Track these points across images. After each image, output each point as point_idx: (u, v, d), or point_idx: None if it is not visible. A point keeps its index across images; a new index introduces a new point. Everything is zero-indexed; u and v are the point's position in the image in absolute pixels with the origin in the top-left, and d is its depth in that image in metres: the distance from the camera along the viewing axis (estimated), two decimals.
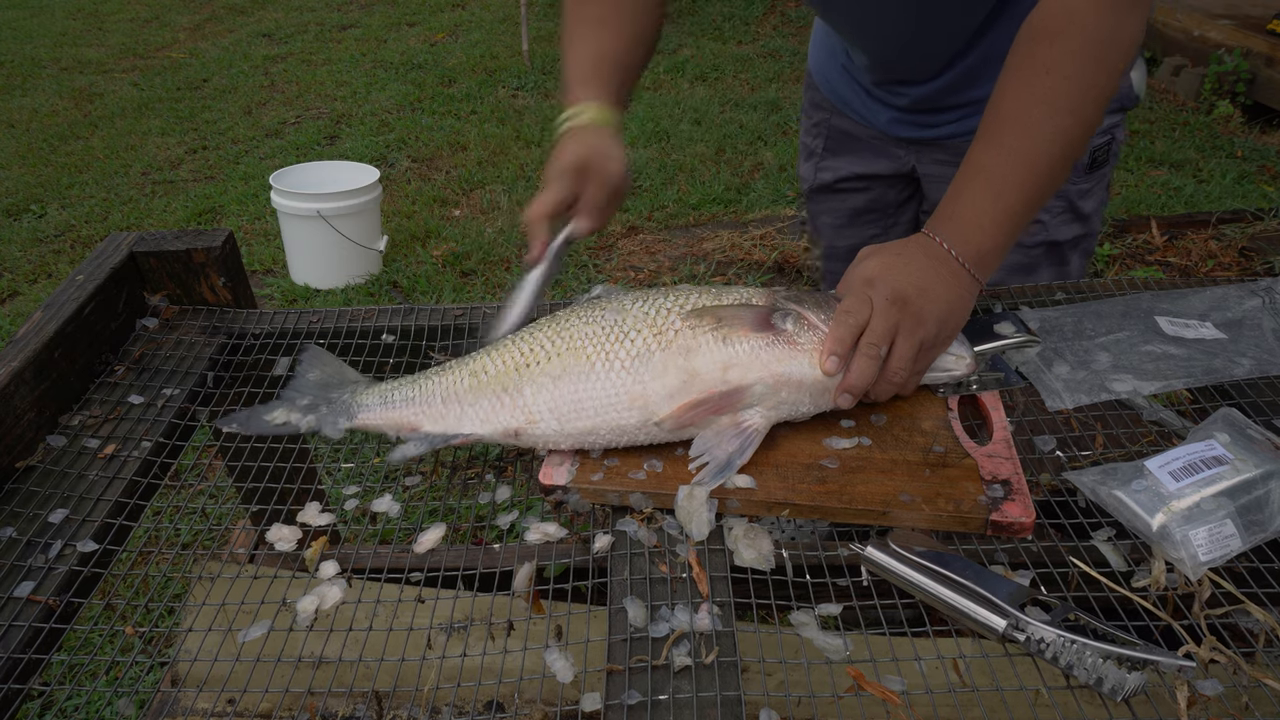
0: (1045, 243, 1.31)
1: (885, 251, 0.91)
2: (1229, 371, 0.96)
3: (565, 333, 0.92)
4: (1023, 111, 0.90)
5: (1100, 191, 1.32)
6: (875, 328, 0.85)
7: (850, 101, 1.39)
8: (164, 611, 0.89)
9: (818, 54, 1.46)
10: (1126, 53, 0.91)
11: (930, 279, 0.87)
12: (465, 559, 1.03)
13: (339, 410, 0.96)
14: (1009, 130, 0.90)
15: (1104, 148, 1.26)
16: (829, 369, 0.85)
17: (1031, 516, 0.80)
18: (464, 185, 3.96)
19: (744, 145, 4.16)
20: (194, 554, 0.95)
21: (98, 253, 1.15)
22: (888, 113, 1.34)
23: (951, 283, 0.88)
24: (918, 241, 0.91)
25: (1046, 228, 1.29)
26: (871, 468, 0.85)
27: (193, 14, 6.90)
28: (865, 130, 1.40)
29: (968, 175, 0.93)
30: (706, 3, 6.34)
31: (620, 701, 0.67)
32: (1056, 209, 1.29)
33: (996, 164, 0.90)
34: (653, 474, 0.86)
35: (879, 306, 0.85)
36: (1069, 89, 0.89)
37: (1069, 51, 0.89)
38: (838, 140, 1.46)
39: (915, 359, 0.87)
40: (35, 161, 4.37)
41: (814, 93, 1.48)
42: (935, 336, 0.88)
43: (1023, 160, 0.90)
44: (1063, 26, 0.90)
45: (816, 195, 1.54)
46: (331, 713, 1.09)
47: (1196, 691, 0.65)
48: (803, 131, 1.56)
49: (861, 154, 1.43)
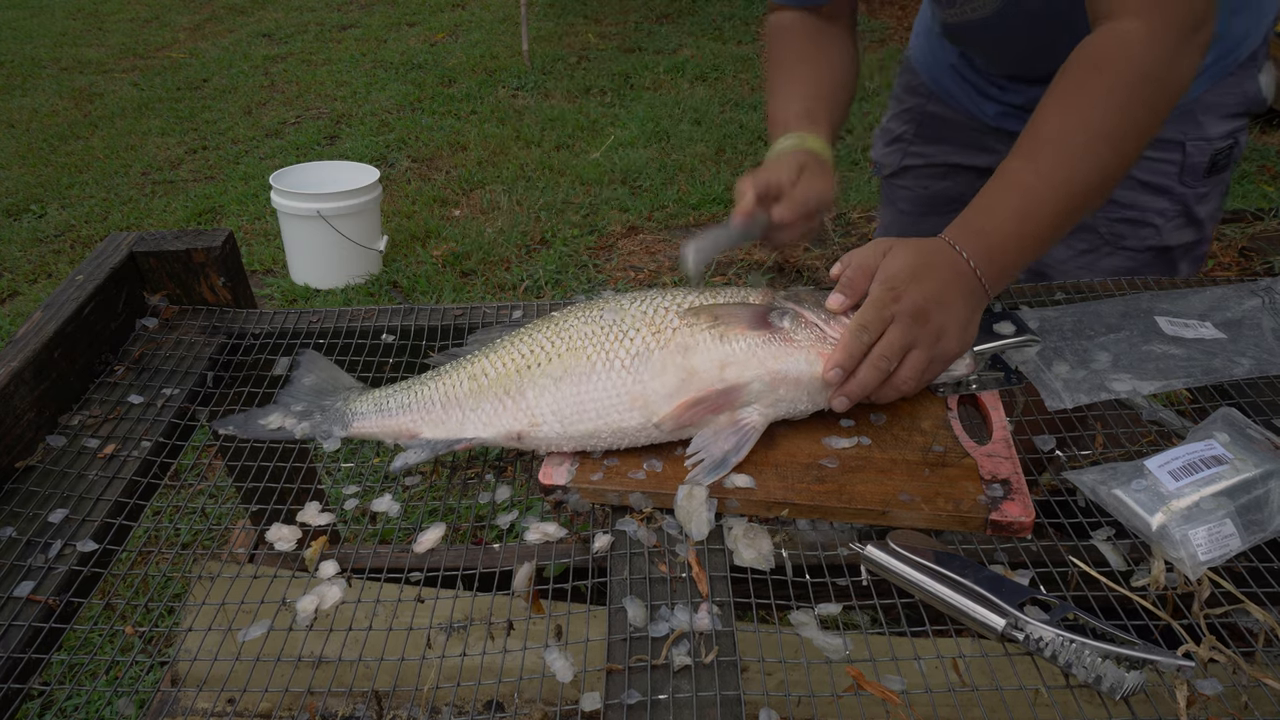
0: (1155, 247, 1.27)
1: (908, 253, 0.89)
2: (1229, 371, 0.96)
3: (565, 333, 0.92)
4: (1063, 137, 0.89)
5: (1217, 196, 1.27)
6: (891, 340, 0.85)
7: (954, 92, 1.38)
8: (164, 611, 0.89)
9: (922, 41, 1.44)
10: (1174, 94, 0.90)
11: (952, 293, 0.87)
12: (465, 559, 1.03)
13: (333, 418, 0.96)
14: (1047, 153, 0.90)
15: (1225, 151, 1.22)
16: (831, 379, 0.85)
17: (1031, 516, 0.79)
18: (464, 185, 3.96)
19: (744, 145, 4.16)
20: (194, 554, 0.95)
21: (98, 253, 1.15)
22: (996, 106, 1.32)
23: (969, 299, 0.88)
24: (942, 251, 0.89)
25: (1159, 231, 1.25)
26: (871, 467, 0.85)
27: (193, 14, 6.90)
28: (966, 120, 1.38)
29: (1000, 190, 0.91)
30: (706, 3, 6.34)
31: (620, 701, 0.67)
32: (1170, 213, 1.24)
33: (1030, 185, 0.89)
34: (652, 474, 0.86)
35: (899, 320, 0.85)
36: (1112, 121, 0.88)
37: (1117, 84, 0.88)
38: (931, 127, 1.44)
39: (925, 371, 0.87)
40: (35, 161, 4.37)
41: (911, 77, 1.47)
42: (950, 352, 0.88)
43: (1057, 186, 0.89)
44: (1113, 57, 0.89)
45: (896, 178, 1.53)
46: (331, 712, 1.09)
47: (1196, 691, 0.65)
48: (888, 116, 1.54)
49: (956, 143, 1.41)
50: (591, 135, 4.36)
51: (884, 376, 0.85)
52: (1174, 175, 1.22)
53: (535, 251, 3.39)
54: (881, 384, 0.86)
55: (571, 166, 4.03)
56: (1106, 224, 1.27)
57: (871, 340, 0.85)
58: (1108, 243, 1.28)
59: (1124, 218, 1.26)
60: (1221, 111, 1.19)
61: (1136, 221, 1.25)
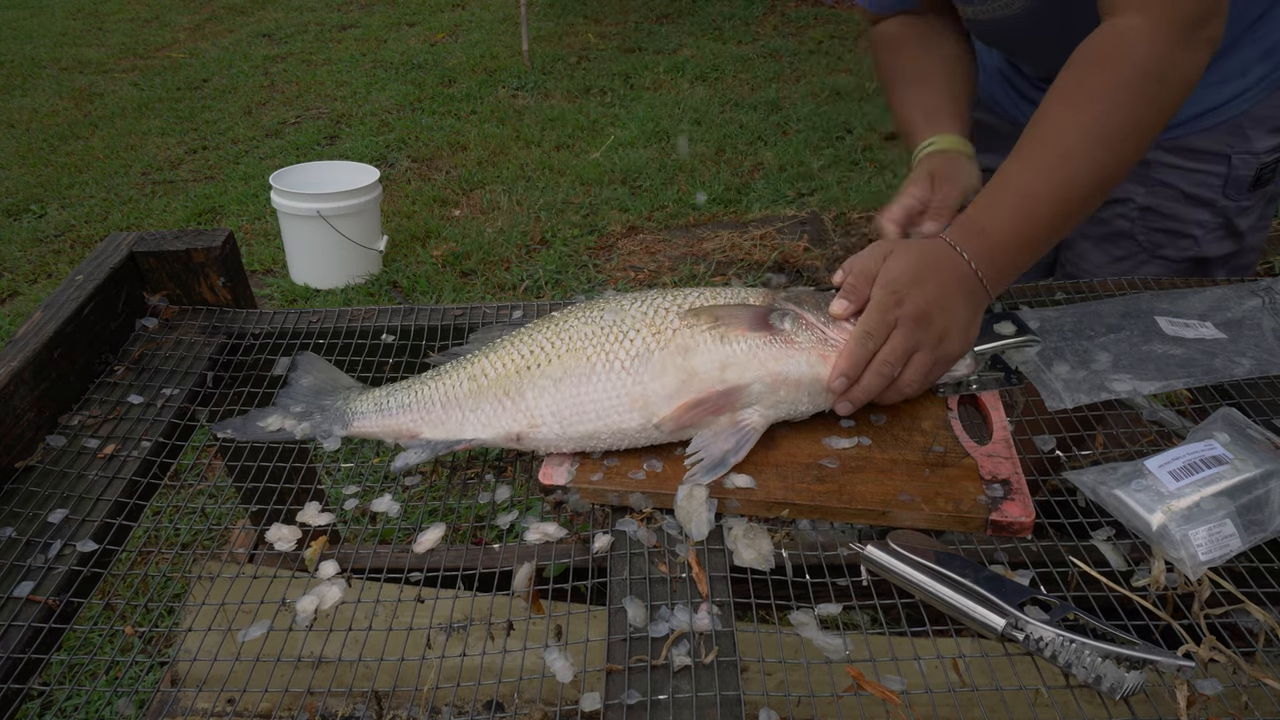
0: (1193, 258, 1.26)
1: (909, 256, 0.88)
2: (1229, 371, 0.96)
3: (565, 334, 0.92)
4: (1062, 136, 0.89)
5: (1261, 208, 1.25)
6: (895, 346, 0.85)
7: (1000, 99, 1.38)
8: (164, 611, 0.89)
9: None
10: (1177, 91, 0.89)
11: (954, 296, 0.87)
12: (465, 559, 1.03)
13: (333, 418, 0.96)
14: (1046, 152, 0.89)
15: (1272, 166, 1.20)
16: (836, 388, 0.86)
17: (1031, 516, 0.79)
18: (464, 185, 3.96)
19: (744, 145, 4.16)
20: (194, 554, 0.95)
21: (97, 253, 1.15)
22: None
23: (971, 300, 0.88)
24: (943, 253, 0.89)
25: (1198, 242, 1.24)
26: (871, 467, 0.85)
27: (193, 14, 6.90)
28: (1013, 129, 1.37)
29: (1000, 190, 0.91)
30: (706, 3, 6.34)
31: (620, 701, 0.67)
32: (1211, 225, 1.23)
33: (1029, 184, 0.89)
34: (652, 474, 0.86)
35: (902, 324, 0.85)
36: (1111, 120, 0.87)
37: (1117, 82, 0.87)
38: (982, 137, 1.42)
39: (929, 373, 0.88)
40: (35, 161, 4.37)
41: None
42: (953, 353, 0.88)
43: (1055, 185, 0.88)
44: (1114, 55, 0.89)
45: None
46: (331, 713, 1.09)
47: (1196, 691, 0.65)
48: None
49: (1003, 151, 1.41)
50: (591, 135, 4.37)
51: (888, 382, 0.86)
52: (1218, 188, 1.21)
53: (535, 251, 3.39)
54: (886, 388, 0.86)
55: (571, 166, 4.03)
56: (1145, 232, 1.26)
57: (876, 347, 0.85)
58: (1144, 249, 1.27)
59: (1163, 228, 1.25)
60: (1270, 125, 1.17)
61: (1175, 232, 1.25)
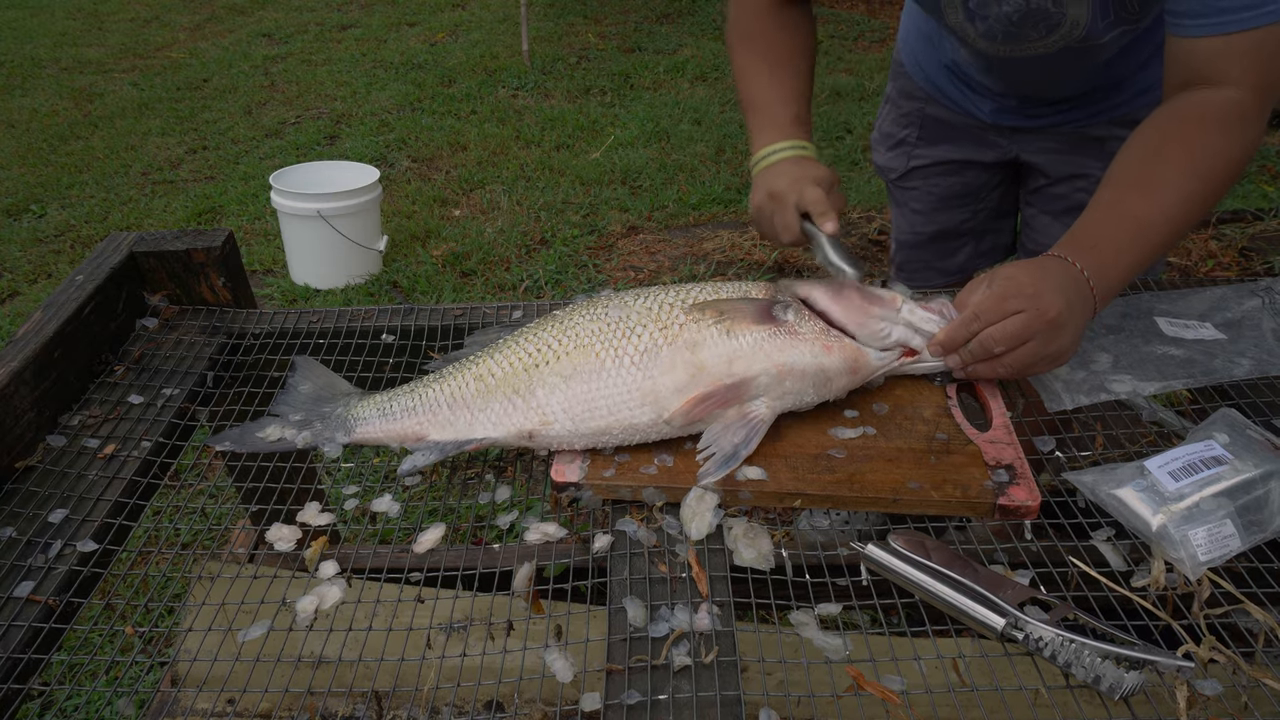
0: None
1: (1021, 267, 0.91)
2: (1229, 372, 0.96)
3: (571, 331, 0.92)
4: (1184, 185, 0.94)
5: None
6: (1008, 329, 0.87)
7: (949, 93, 1.41)
8: (164, 611, 0.89)
9: (912, 45, 1.46)
10: (1238, 166, 0.95)
11: (1074, 299, 0.89)
12: (465, 559, 1.03)
13: (335, 425, 0.95)
14: (1166, 192, 0.94)
15: None
16: (933, 352, 0.92)
17: (1037, 499, 0.80)
18: (464, 185, 3.96)
19: (744, 145, 4.14)
20: (194, 554, 0.95)
21: (97, 253, 1.15)
22: (991, 103, 1.35)
23: (1084, 308, 0.90)
24: (1061, 265, 0.91)
25: None
26: (878, 456, 0.86)
27: (193, 14, 6.90)
28: (964, 120, 1.41)
29: (1114, 214, 0.95)
30: (706, 3, 6.34)
31: (620, 701, 0.67)
32: None
33: (1146, 213, 0.93)
34: (664, 468, 0.86)
35: (1028, 313, 0.87)
36: (1222, 183, 0.94)
37: (1230, 156, 0.94)
38: (933, 129, 1.47)
39: (1032, 364, 0.89)
40: (35, 161, 4.37)
41: (905, 81, 1.49)
42: (1063, 354, 0.89)
43: (1171, 221, 0.94)
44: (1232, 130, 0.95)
45: (904, 181, 1.55)
46: (331, 713, 1.09)
47: (1196, 691, 0.65)
48: (886, 121, 1.55)
49: (959, 142, 1.45)
50: (591, 135, 4.36)
51: (989, 356, 0.89)
52: None
53: (535, 251, 3.39)
54: (986, 361, 0.90)
55: (571, 166, 4.02)
56: None
57: (980, 327, 0.88)
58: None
59: None
60: None
61: None
